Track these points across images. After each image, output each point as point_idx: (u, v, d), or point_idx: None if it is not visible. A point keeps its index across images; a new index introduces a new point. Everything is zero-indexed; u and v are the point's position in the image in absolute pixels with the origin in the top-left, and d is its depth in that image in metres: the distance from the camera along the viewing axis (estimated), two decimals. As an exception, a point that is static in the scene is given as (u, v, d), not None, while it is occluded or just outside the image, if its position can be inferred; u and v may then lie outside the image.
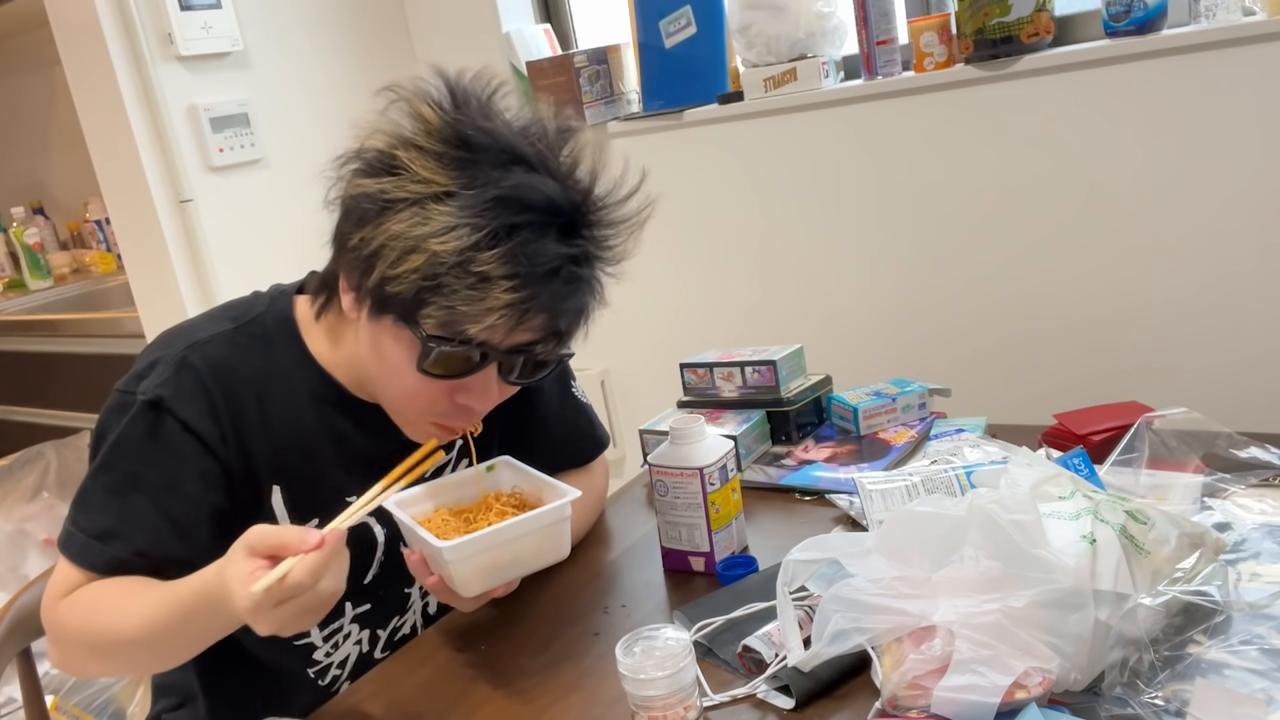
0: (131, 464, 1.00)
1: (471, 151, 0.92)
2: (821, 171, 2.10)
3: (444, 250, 0.89)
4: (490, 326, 0.91)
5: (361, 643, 1.14)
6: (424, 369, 0.96)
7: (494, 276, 0.89)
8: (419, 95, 0.94)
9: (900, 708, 0.80)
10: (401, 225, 0.90)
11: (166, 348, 1.04)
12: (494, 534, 0.96)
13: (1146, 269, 1.82)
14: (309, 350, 1.07)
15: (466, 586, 0.98)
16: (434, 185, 0.90)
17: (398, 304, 0.93)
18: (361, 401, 1.08)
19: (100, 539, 0.99)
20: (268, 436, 1.04)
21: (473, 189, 0.90)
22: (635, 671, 0.84)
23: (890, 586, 0.84)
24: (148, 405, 0.99)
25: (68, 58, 2.17)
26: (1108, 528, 0.85)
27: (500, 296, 0.90)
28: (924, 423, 1.41)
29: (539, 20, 2.55)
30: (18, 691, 1.26)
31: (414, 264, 0.90)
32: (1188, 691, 0.78)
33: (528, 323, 0.93)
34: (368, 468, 1.07)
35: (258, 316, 1.08)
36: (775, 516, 1.25)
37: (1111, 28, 1.73)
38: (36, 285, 3.39)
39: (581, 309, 0.99)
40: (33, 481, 2.58)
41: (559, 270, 0.92)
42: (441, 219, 0.89)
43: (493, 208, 0.90)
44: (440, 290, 0.90)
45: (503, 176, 0.91)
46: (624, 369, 2.54)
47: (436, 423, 1.03)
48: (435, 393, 0.99)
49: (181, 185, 2.14)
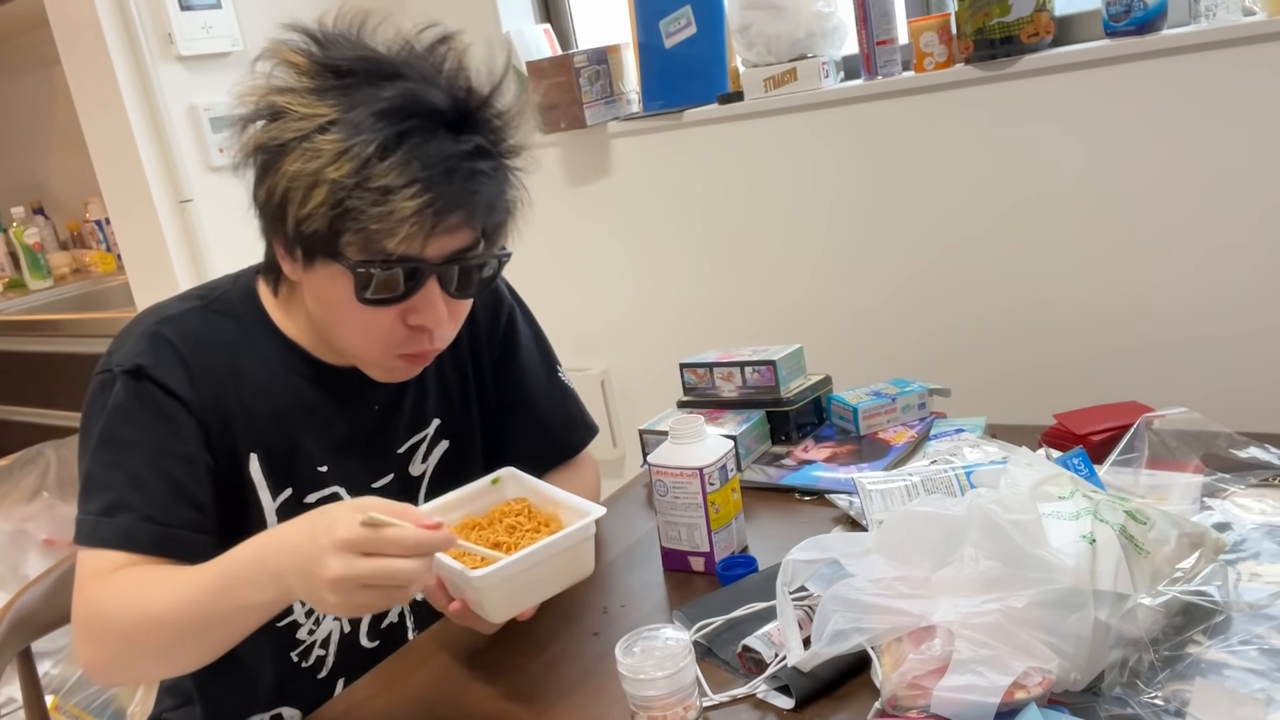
0: (123, 433, 1.00)
1: (345, 78, 0.94)
2: (822, 171, 2.10)
3: (341, 176, 0.91)
4: (407, 237, 0.92)
5: (342, 619, 1.14)
6: (365, 298, 0.96)
7: (395, 186, 0.91)
8: (284, 46, 0.97)
9: (900, 708, 0.80)
10: (296, 165, 0.92)
11: (136, 325, 1.05)
12: (522, 559, 0.94)
13: (1147, 268, 1.82)
14: (274, 324, 1.09)
15: (495, 612, 0.96)
16: (316, 118, 0.92)
17: (319, 242, 0.95)
18: (330, 369, 1.10)
19: (107, 513, 0.98)
20: (243, 405, 1.05)
21: (353, 111, 0.92)
22: (635, 671, 0.84)
23: (890, 586, 0.84)
24: (128, 374, 1.01)
25: (68, 58, 2.17)
26: (1107, 528, 0.85)
27: (406, 205, 0.91)
28: (924, 423, 1.41)
29: (539, 20, 2.55)
30: (18, 691, 1.26)
31: (319, 198, 0.92)
32: (1187, 691, 0.78)
33: (444, 225, 0.94)
34: (340, 437, 1.10)
35: (224, 294, 1.10)
36: (775, 516, 1.25)
37: (1111, 28, 1.73)
38: (36, 285, 3.39)
39: (493, 203, 0.98)
40: (33, 481, 2.58)
41: (456, 167, 0.93)
42: (331, 147, 0.91)
43: (376, 122, 0.92)
44: (350, 215, 0.92)
45: (381, 91, 0.93)
46: (624, 369, 2.54)
47: (400, 355, 1.03)
48: (387, 322, 0.99)
49: (181, 185, 2.14)
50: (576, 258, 2.51)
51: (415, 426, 1.17)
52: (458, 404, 1.21)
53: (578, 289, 2.53)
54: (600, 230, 2.45)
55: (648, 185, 2.34)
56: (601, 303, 2.51)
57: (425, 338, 1.02)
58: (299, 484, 1.09)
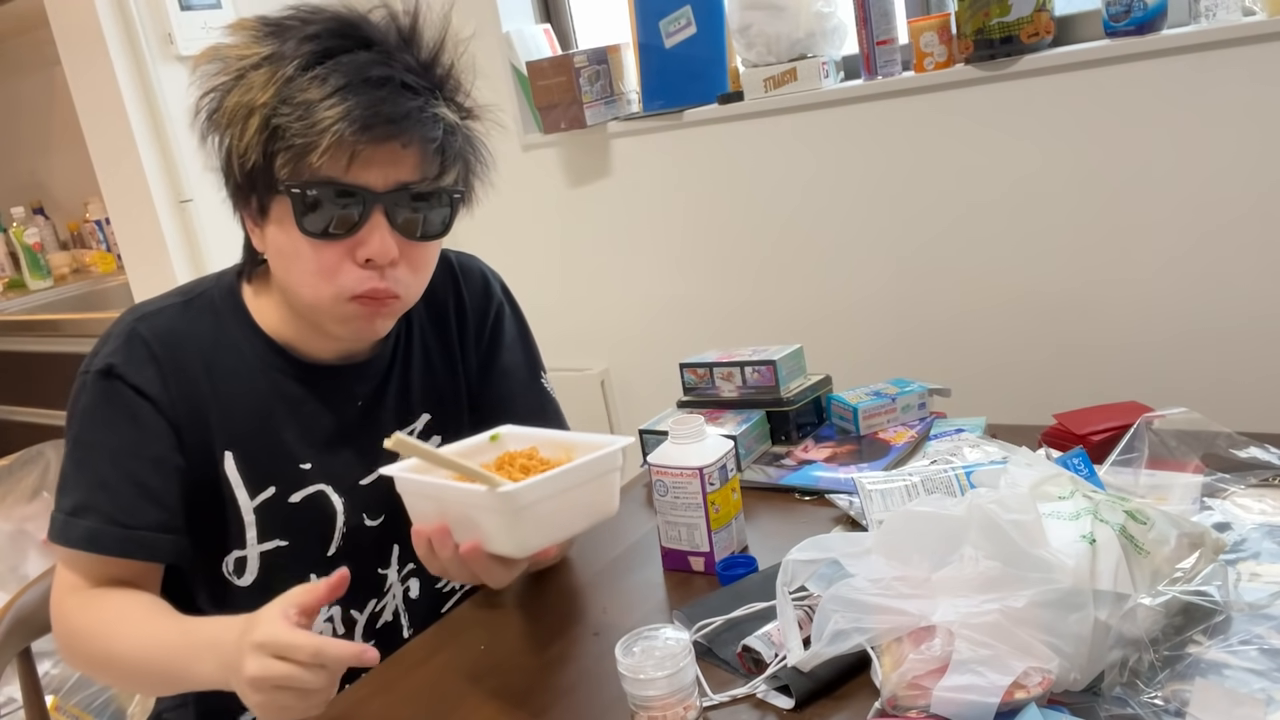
0: (92, 434, 1.02)
1: (281, 26, 0.97)
2: (822, 171, 2.10)
3: (268, 98, 0.93)
4: (332, 150, 0.93)
5: (334, 621, 1.13)
6: (306, 228, 0.96)
7: (316, 99, 0.92)
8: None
9: (900, 708, 0.80)
10: (233, 100, 0.96)
11: (115, 324, 1.07)
12: (555, 478, 0.87)
13: (1147, 268, 1.82)
14: (254, 320, 1.09)
15: (524, 542, 0.88)
16: (250, 57, 0.96)
17: (260, 175, 0.97)
18: (312, 366, 1.10)
19: (75, 514, 1.01)
20: (218, 403, 1.05)
21: (285, 45, 0.95)
22: (635, 671, 0.84)
23: (890, 586, 0.84)
24: (99, 374, 1.02)
25: (68, 58, 2.17)
26: (1107, 528, 0.85)
27: (328, 113, 0.92)
28: (924, 423, 1.41)
29: (539, 20, 2.55)
30: (18, 691, 1.26)
31: (252, 126, 0.94)
32: (1187, 691, 0.78)
33: (371, 136, 0.93)
34: (324, 433, 1.10)
35: (205, 291, 1.11)
36: (775, 516, 1.25)
37: (1111, 28, 1.73)
38: (36, 285, 3.39)
39: (428, 130, 0.97)
40: (33, 481, 2.57)
41: (383, 80, 0.94)
42: (261, 77, 0.94)
43: (302, 45, 0.95)
44: (278, 134, 0.94)
45: (312, 32, 0.96)
46: (624, 369, 2.54)
47: (355, 297, 1.00)
48: (335, 258, 0.98)
49: (181, 185, 2.14)
50: (576, 257, 2.51)
51: (401, 421, 1.16)
52: (448, 398, 1.20)
53: (578, 289, 2.53)
54: (600, 230, 2.45)
55: (648, 185, 2.34)
56: (601, 303, 2.51)
57: (376, 275, 0.99)
58: (281, 482, 1.08)
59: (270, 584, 1.08)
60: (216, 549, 1.08)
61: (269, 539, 1.09)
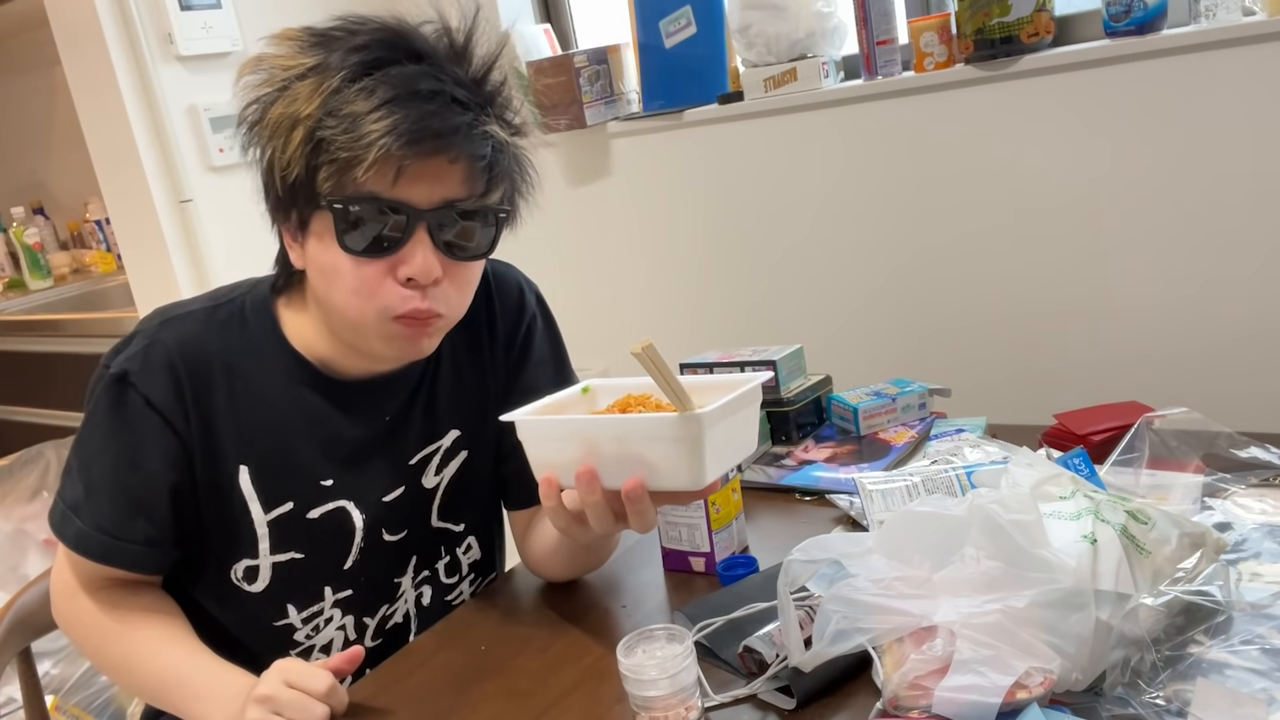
0: (96, 438, 1.03)
1: (328, 36, 0.96)
2: (822, 171, 2.10)
3: (313, 110, 0.91)
4: (378, 165, 0.90)
5: (346, 628, 1.12)
6: (348, 245, 0.94)
7: (363, 111, 0.90)
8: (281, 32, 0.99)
9: (901, 708, 0.80)
10: (277, 112, 0.93)
11: (147, 322, 1.06)
12: (733, 402, 0.84)
13: (1147, 268, 1.82)
14: (283, 332, 1.07)
15: (702, 472, 0.84)
16: (295, 68, 0.94)
17: (301, 189, 0.94)
18: (339, 382, 1.07)
19: (73, 510, 1.03)
20: (235, 416, 1.04)
21: (332, 56, 0.93)
22: (636, 672, 0.84)
23: (891, 587, 0.84)
24: (114, 379, 1.01)
25: (68, 58, 2.17)
26: (1108, 528, 0.85)
27: (374, 126, 0.90)
28: (924, 423, 1.41)
29: (539, 20, 2.55)
30: (18, 691, 1.26)
31: (296, 138, 0.92)
32: (1189, 691, 0.78)
33: (417, 151, 0.91)
34: (347, 450, 1.08)
35: (238, 297, 1.09)
36: (775, 517, 1.25)
37: (1111, 28, 1.73)
38: (36, 285, 3.39)
39: (475, 147, 0.94)
40: (33, 481, 2.57)
41: (423, 90, 0.92)
42: (306, 89, 0.92)
43: (349, 56, 0.93)
44: (322, 147, 0.92)
45: (360, 43, 0.94)
46: (624, 369, 2.54)
47: (398, 318, 0.97)
48: (375, 277, 0.95)
49: (181, 185, 2.14)
50: (576, 258, 2.51)
51: (429, 437, 1.13)
52: (477, 413, 1.15)
53: (577, 289, 2.53)
54: (600, 230, 2.45)
55: (648, 185, 2.34)
56: (601, 302, 2.51)
57: (417, 296, 0.97)
58: (299, 498, 1.06)
59: (282, 592, 1.08)
60: (225, 556, 1.07)
61: (283, 551, 1.07)
